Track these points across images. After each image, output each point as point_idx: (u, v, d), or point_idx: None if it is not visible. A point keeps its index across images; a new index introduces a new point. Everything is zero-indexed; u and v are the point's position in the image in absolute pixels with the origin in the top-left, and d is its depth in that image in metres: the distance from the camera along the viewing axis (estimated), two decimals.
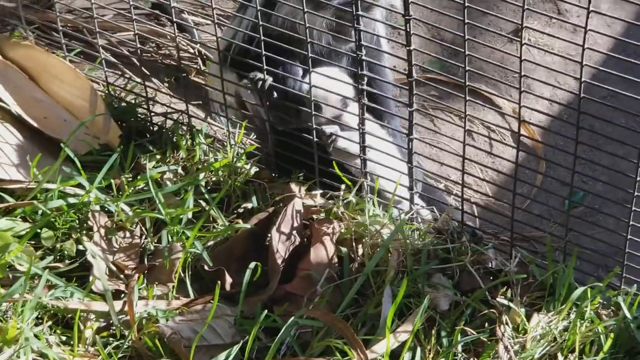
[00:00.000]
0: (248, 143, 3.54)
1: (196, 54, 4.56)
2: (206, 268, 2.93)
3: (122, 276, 2.91)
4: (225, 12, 4.31)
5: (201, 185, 3.16)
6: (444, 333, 2.80)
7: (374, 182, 3.16)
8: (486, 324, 2.83)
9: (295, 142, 3.24)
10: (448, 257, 2.98)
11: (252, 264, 2.87)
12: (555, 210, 4.00)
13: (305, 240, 3.02)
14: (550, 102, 4.95)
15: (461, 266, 2.95)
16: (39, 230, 2.93)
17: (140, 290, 2.83)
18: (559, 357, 2.78)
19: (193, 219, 3.06)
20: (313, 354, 2.71)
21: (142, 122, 3.48)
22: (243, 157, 3.30)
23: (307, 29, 3.00)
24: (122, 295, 2.82)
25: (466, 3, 2.68)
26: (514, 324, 2.83)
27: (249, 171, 3.27)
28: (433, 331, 2.78)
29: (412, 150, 3.08)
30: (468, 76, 2.85)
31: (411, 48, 2.86)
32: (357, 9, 2.89)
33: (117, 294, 2.82)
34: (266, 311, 2.74)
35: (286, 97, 3.24)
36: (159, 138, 3.40)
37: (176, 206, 3.05)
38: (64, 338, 2.71)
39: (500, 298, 2.85)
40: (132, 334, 2.69)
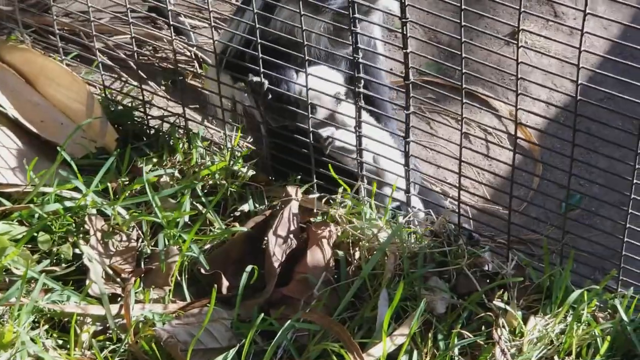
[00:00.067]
0: (245, 146, 3.54)
1: (193, 57, 4.56)
2: (203, 271, 2.93)
3: (119, 280, 2.91)
4: (222, 15, 4.31)
5: (198, 188, 3.15)
6: (441, 336, 2.80)
7: (373, 181, 3.16)
8: (483, 327, 2.83)
9: (291, 145, 3.23)
10: (445, 260, 2.98)
11: (249, 267, 2.87)
12: (552, 212, 4.00)
13: (302, 243, 3.02)
14: (547, 105, 4.95)
15: (458, 269, 2.95)
16: (36, 233, 2.93)
17: (136, 293, 2.83)
18: None
19: (190, 222, 3.06)
20: (310, 358, 2.70)
21: (139, 126, 3.48)
22: (240, 160, 3.30)
23: (306, 33, 3.01)
24: (119, 298, 2.82)
25: (463, 6, 2.68)
26: (511, 327, 2.82)
27: (246, 174, 3.27)
28: (430, 334, 2.78)
29: (409, 152, 3.08)
30: (465, 79, 2.85)
31: (408, 51, 2.86)
32: (354, 12, 2.89)
33: (114, 298, 2.82)
34: (263, 314, 2.74)
35: (281, 100, 3.24)
36: (156, 141, 3.40)
37: (173, 209, 3.05)
38: (61, 342, 2.71)
39: (497, 301, 2.85)
40: (129, 338, 2.69)
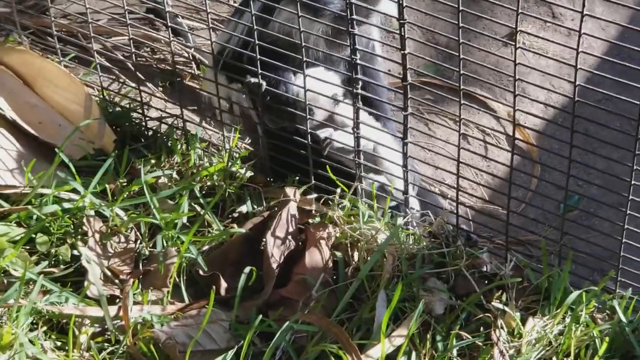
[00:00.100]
0: (243, 147, 3.54)
1: (190, 59, 4.56)
2: (201, 273, 2.93)
3: (117, 281, 2.90)
4: (219, 17, 4.31)
5: (196, 189, 3.15)
6: (439, 337, 2.80)
7: (372, 182, 3.17)
8: (481, 328, 2.83)
9: (289, 146, 3.23)
10: (443, 261, 2.98)
11: (247, 269, 2.87)
12: (550, 213, 4.00)
13: (300, 244, 3.02)
14: (545, 106, 4.96)
15: (456, 270, 2.95)
16: (34, 235, 2.93)
17: (135, 295, 2.83)
18: None
19: (188, 224, 3.06)
20: (308, 359, 2.70)
21: (137, 127, 3.48)
22: (238, 162, 3.30)
23: (304, 35, 3.00)
24: (117, 300, 2.82)
25: (461, 7, 2.68)
26: (509, 328, 2.82)
27: (244, 175, 3.27)
28: (428, 335, 2.78)
29: (407, 154, 3.08)
30: (463, 80, 2.85)
31: (406, 52, 2.86)
32: (352, 13, 2.89)
33: (112, 299, 2.82)
34: (261, 316, 2.74)
35: (279, 101, 3.23)
36: (154, 143, 3.40)
37: (171, 211, 3.05)
38: (59, 343, 2.71)
39: (495, 302, 2.85)
40: (127, 339, 2.69)
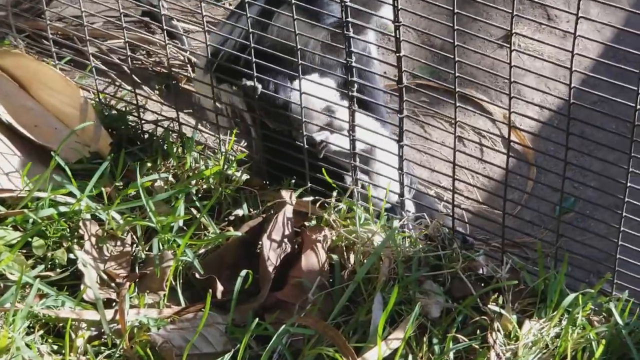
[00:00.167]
0: (239, 150, 3.54)
1: (186, 62, 4.56)
2: (197, 276, 2.93)
3: (113, 285, 2.90)
4: (215, 19, 4.31)
5: (192, 193, 3.15)
6: (436, 340, 2.80)
7: (369, 181, 3.17)
8: (478, 331, 2.83)
9: (285, 149, 3.23)
10: (439, 264, 2.98)
11: (243, 272, 2.87)
12: (546, 216, 4.00)
13: (296, 247, 3.02)
14: (540, 108, 4.96)
15: (452, 273, 2.95)
16: (30, 239, 2.93)
17: (131, 298, 2.83)
18: None
19: (184, 227, 3.06)
20: None
21: (133, 130, 3.47)
22: (234, 165, 3.30)
23: (302, 40, 3.01)
24: (114, 303, 2.82)
25: (456, 9, 2.68)
26: (506, 331, 2.83)
27: (240, 178, 3.27)
28: (425, 338, 2.78)
29: (403, 156, 3.08)
30: (458, 82, 2.86)
31: (401, 54, 2.86)
32: (347, 16, 2.89)
33: (109, 303, 2.82)
34: (257, 319, 2.74)
35: (275, 105, 3.23)
36: (150, 146, 3.40)
37: (167, 214, 3.05)
38: (56, 347, 2.71)
39: (491, 305, 2.85)
40: (124, 343, 2.69)
